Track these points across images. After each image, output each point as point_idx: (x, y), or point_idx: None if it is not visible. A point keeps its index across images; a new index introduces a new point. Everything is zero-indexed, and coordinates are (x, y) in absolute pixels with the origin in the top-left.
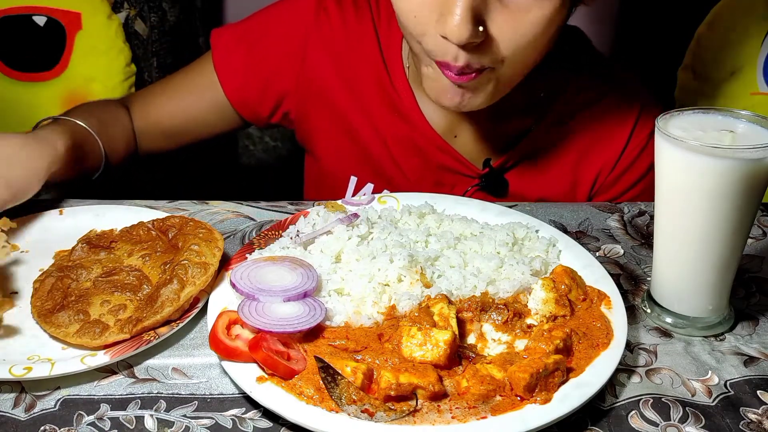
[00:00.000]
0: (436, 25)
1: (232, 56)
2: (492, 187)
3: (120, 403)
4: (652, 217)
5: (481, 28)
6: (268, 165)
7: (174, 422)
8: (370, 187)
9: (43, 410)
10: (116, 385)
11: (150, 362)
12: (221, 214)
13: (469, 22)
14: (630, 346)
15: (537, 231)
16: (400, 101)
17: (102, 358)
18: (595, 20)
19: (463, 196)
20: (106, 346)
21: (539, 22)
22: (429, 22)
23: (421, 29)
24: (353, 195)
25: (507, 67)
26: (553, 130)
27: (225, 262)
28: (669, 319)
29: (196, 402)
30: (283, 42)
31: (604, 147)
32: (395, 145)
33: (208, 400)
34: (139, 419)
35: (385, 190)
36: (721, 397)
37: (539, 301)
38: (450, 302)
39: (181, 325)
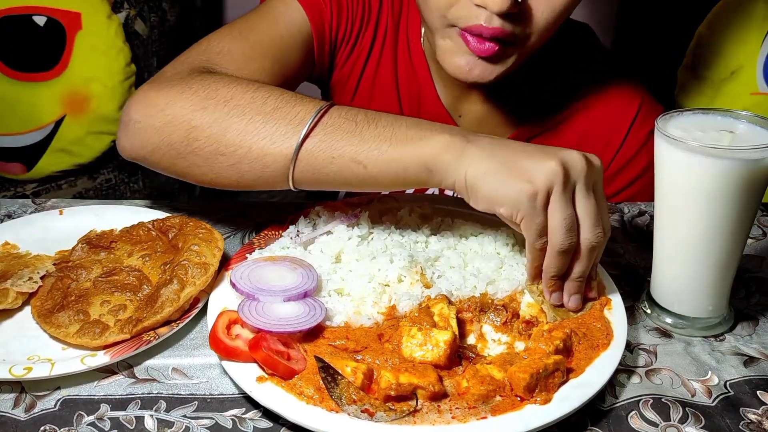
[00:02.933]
0: None
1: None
2: None
3: (120, 403)
4: (652, 217)
5: None
6: None
7: (174, 422)
8: None
9: (43, 410)
10: (116, 385)
11: (150, 362)
12: (221, 213)
13: None
14: (630, 347)
15: None
16: (415, 76)
17: (102, 359)
18: (595, 20)
19: None
20: (106, 347)
21: None
22: None
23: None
24: None
25: (531, 40)
26: (551, 120)
27: (225, 262)
28: (669, 320)
29: (196, 402)
30: None
31: (600, 142)
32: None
33: (208, 400)
34: (139, 419)
35: None
36: (721, 397)
37: (528, 306)
38: (450, 302)
39: (181, 325)
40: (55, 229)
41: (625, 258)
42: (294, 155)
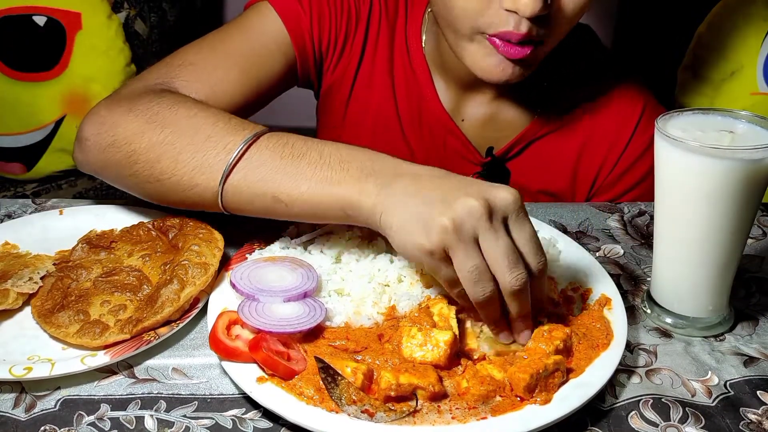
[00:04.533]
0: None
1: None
2: (494, 175)
3: (120, 403)
4: (652, 217)
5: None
6: None
7: (174, 422)
8: None
9: (43, 410)
10: (116, 385)
11: (150, 362)
12: (221, 213)
13: None
14: (630, 347)
15: (537, 231)
16: (414, 79)
17: (102, 359)
18: (594, 20)
19: None
20: (106, 347)
21: None
22: None
23: (481, 6)
24: None
25: (553, 38)
26: (555, 122)
27: (225, 263)
28: (669, 320)
29: (196, 402)
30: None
31: (604, 145)
32: (408, 123)
33: (208, 400)
34: (139, 419)
35: None
36: (721, 397)
37: None
38: (450, 302)
39: (181, 325)
40: (55, 229)
41: (625, 258)
42: (219, 189)
